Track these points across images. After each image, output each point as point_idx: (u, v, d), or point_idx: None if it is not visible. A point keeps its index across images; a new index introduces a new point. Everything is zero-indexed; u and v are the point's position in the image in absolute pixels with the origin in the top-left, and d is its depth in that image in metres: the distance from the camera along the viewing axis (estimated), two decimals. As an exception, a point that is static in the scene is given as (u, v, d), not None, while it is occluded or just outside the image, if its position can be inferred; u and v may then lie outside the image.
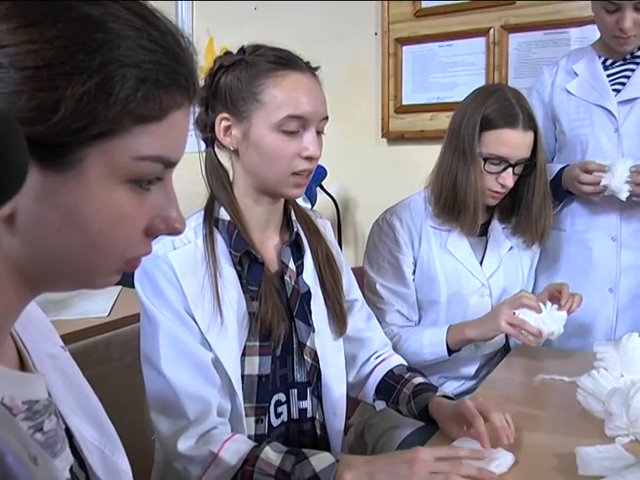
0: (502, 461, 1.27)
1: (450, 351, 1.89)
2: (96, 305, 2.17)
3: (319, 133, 1.41)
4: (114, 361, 2.00)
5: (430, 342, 1.89)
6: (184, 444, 1.31)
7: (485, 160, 1.84)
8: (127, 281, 1.43)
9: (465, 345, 1.92)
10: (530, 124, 1.84)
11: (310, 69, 1.41)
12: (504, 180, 1.85)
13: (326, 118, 1.41)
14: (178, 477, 1.43)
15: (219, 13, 3.51)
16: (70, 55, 0.58)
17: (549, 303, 1.78)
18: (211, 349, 1.36)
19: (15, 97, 0.57)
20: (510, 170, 1.84)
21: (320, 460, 1.26)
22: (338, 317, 1.54)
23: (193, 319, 1.35)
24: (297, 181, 1.39)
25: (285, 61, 1.37)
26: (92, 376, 0.90)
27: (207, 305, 1.35)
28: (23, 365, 0.72)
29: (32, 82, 0.57)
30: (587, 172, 1.97)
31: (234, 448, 1.31)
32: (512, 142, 1.82)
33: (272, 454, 1.28)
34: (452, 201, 1.90)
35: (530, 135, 1.84)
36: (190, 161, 1.47)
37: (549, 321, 1.75)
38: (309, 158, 1.37)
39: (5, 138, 0.48)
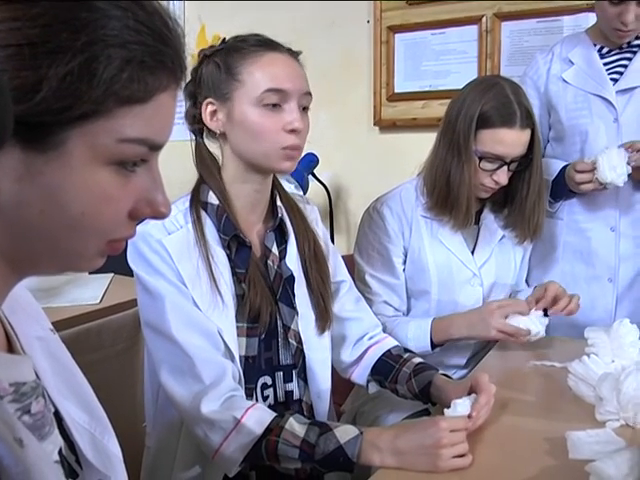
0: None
1: (434, 345, 1.89)
2: (88, 292, 2.17)
3: (305, 109, 1.43)
4: (106, 348, 2.00)
5: (414, 336, 1.89)
6: (207, 407, 1.32)
7: (480, 158, 1.82)
8: (119, 268, 1.44)
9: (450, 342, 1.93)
10: (527, 122, 1.80)
11: (290, 52, 1.43)
12: (498, 177, 1.83)
13: (308, 94, 1.43)
14: (173, 458, 1.45)
15: (211, 1, 3.50)
16: (54, 34, 0.57)
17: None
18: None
19: None
20: (505, 168, 1.82)
21: (344, 432, 1.28)
22: (322, 311, 1.55)
23: (193, 300, 1.38)
24: (287, 154, 1.40)
25: (261, 42, 1.40)
26: (84, 363, 0.90)
27: (204, 286, 1.38)
28: (11, 348, 0.72)
29: (14, 60, 0.57)
30: (580, 172, 1.97)
31: (257, 416, 1.32)
32: (509, 141, 1.80)
33: (296, 425, 1.30)
34: (445, 197, 1.89)
35: (527, 133, 1.82)
36: (181, 149, 1.48)
37: (535, 322, 1.78)
38: (293, 131, 1.39)
39: None
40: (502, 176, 1.83)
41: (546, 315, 1.82)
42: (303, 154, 2.29)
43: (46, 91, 0.57)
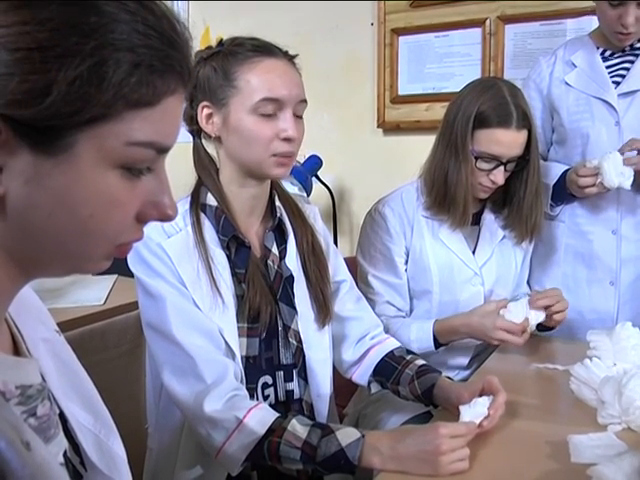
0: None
1: (438, 344, 1.90)
2: (92, 293, 2.17)
3: (299, 117, 1.44)
4: (110, 349, 2.01)
5: (417, 338, 1.89)
6: (210, 406, 1.33)
7: (477, 158, 1.83)
8: (123, 270, 1.44)
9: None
10: (524, 123, 1.81)
11: (287, 56, 1.44)
12: (495, 177, 1.84)
13: (304, 101, 1.44)
14: (175, 459, 1.45)
15: (215, 3, 3.50)
16: (63, 38, 0.58)
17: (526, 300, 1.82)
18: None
19: (6, 79, 0.57)
20: (501, 168, 1.84)
21: (346, 434, 1.29)
22: (321, 305, 1.56)
23: (193, 301, 1.39)
24: (279, 161, 1.42)
25: (259, 48, 1.40)
26: (88, 364, 0.90)
27: (204, 288, 1.39)
28: (17, 350, 0.72)
29: (24, 64, 0.57)
30: (582, 176, 1.97)
31: (259, 416, 1.33)
32: (504, 142, 1.81)
33: (299, 427, 1.30)
34: (443, 196, 1.90)
35: (523, 134, 1.82)
36: (186, 151, 1.49)
37: (530, 316, 1.79)
38: (287, 139, 1.40)
39: None
40: (499, 176, 1.84)
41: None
42: (307, 156, 2.30)
43: (55, 95, 0.57)
